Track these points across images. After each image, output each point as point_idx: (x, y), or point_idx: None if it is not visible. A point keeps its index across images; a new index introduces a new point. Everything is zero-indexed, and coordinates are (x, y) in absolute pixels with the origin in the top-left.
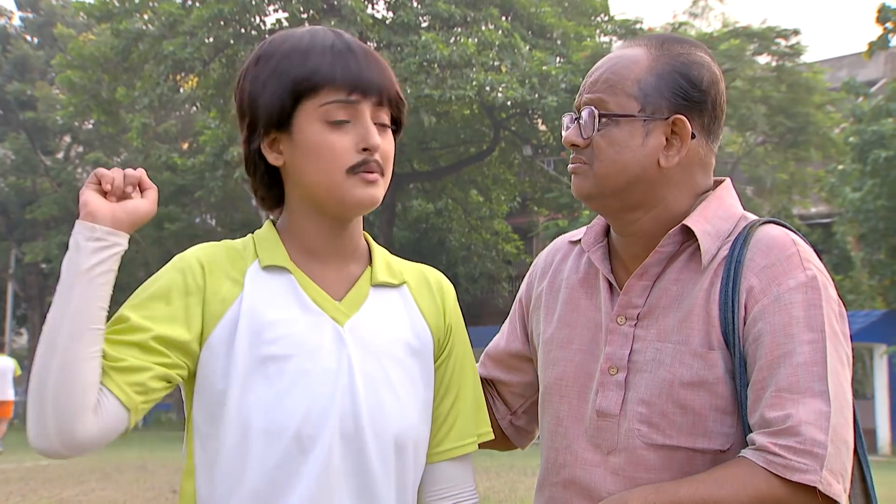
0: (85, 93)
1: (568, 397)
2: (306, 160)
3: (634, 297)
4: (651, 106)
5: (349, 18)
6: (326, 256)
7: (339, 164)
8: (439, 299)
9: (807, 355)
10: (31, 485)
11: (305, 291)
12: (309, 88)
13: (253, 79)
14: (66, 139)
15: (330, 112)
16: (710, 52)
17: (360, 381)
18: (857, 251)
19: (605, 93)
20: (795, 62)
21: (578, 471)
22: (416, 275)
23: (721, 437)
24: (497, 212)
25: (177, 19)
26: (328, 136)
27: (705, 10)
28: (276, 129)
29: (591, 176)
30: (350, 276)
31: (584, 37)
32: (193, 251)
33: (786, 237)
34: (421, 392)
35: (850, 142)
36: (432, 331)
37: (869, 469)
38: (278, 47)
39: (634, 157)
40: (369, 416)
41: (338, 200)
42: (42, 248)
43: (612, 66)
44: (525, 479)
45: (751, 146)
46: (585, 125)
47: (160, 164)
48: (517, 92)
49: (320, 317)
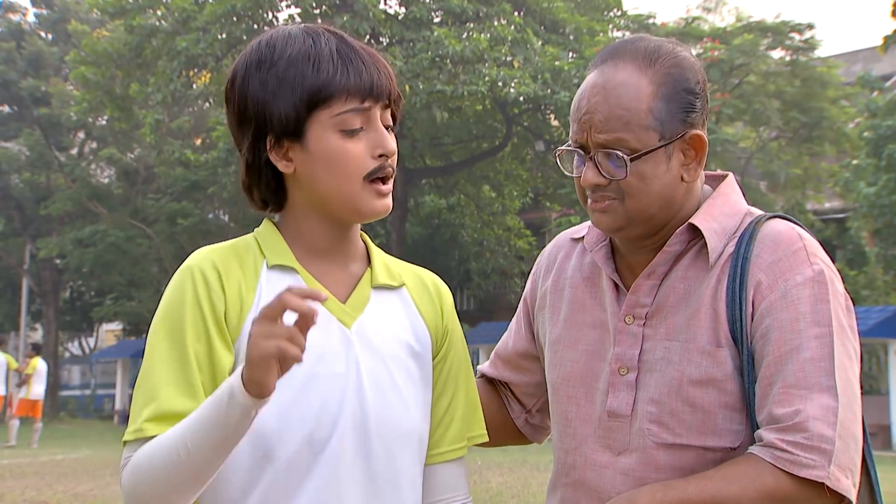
0: (99, 89)
1: (576, 398)
2: (321, 169)
3: (642, 296)
4: (669, 131)
5: (361, 14)
6: (331, 257)
7: (357, 172)
8: (437, 302)
9: (814, 350)
10: (47, 479)
11: None
12: (324, 98)
13: (259, 86)
14: (80, 135)
15: (346, 121)
16: (677, 41)
17: (367, 383)
18: (872, 246)
19: (622, 131)
20: (810, 57)
21: (588, 472)
22: (414, 277)
23: (731, 434)
24: (509, 207)
25: (190, 15)
26: (344, 145)
27: (719, 5)
28: (287, 138)
29: (622, 212)
30: (352, 277)
31: (596, 32)
32: (203, 262)
33: (792, 232)
34: (422, 393)
35: (864, 136)
36: (431, 333)
37: (873, 461)
38: (282, 52)
39: (662, 184)
40: (377, 418)
41: (353, 209)
42: (56, 243)
43: (617, 98)
44: (538, 474)
45: (765, 141)
46: (613, 169)
47: (173, 160)
48: (530, 87)
49: (328, 318)
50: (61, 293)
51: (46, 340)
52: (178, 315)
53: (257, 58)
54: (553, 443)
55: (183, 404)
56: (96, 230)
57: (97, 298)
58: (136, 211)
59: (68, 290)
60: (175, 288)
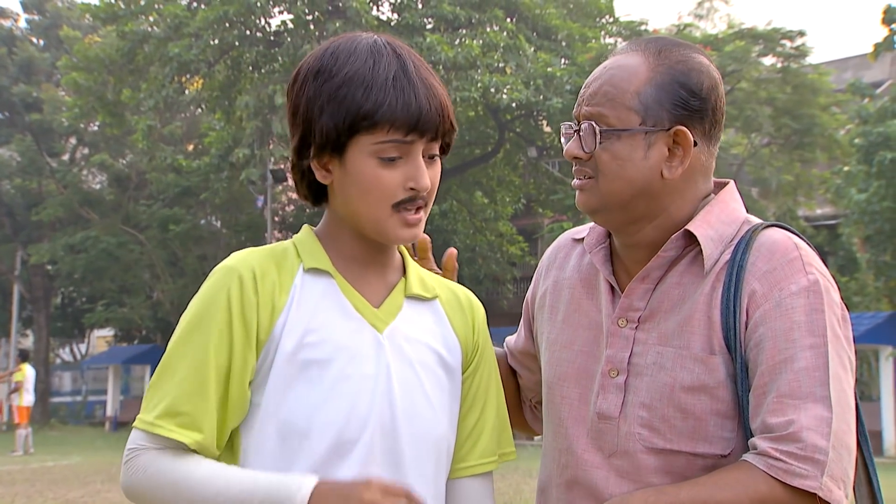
0: (90, 95)
1: (569, 398)
2: (354, 190)
3: (636, 300)
4: (652, 118)
5: (354, 20)
6: (366, 265)
7: (386, 200)
8: (469, 316)
9: (808, 360)
10: (37, 486)
11: (346, 296)
12: (367, 126)
13: (311, 97)
14: (71, 141)
15: (385, 150)
16: (707, 54)
17: (397, 386)
18: (863, 253)
19: (604, 106)
20: (801, 63)
21: (581, 472)
22: (448, 291)
23: (721, 441)
24: (502, 213)
25: (182, 21)
26: (379, 172)
27: (710, 12)
28: (328, 151)
29: (596, 191)
30: (387, 285)
31: (588, 38)
32: (241, 263)
33: (788, 241)
34: (450, 403)
35: (855, 143)
36: (462, 346)
37: (875, 470)
38: (341, 67)
39: (638, 171)
40: (406, 422)
41: (380, 233)
42: (48, 249)
43: (611, 77)
44: (530, 480)
45: (756, 148)
46: (587, 139)
47: (165, 166)
48: (522, 93)
49: (360, 322)
50: (52, 299)
51: (37, 347)
52: (208, 313)
53: (318, 66)
54: (545, 442)
55: (196, 406)
56: (88, 236)
57: (88, 304)
58: (128, 217)
59: (59, 297)
60: (210, 286)
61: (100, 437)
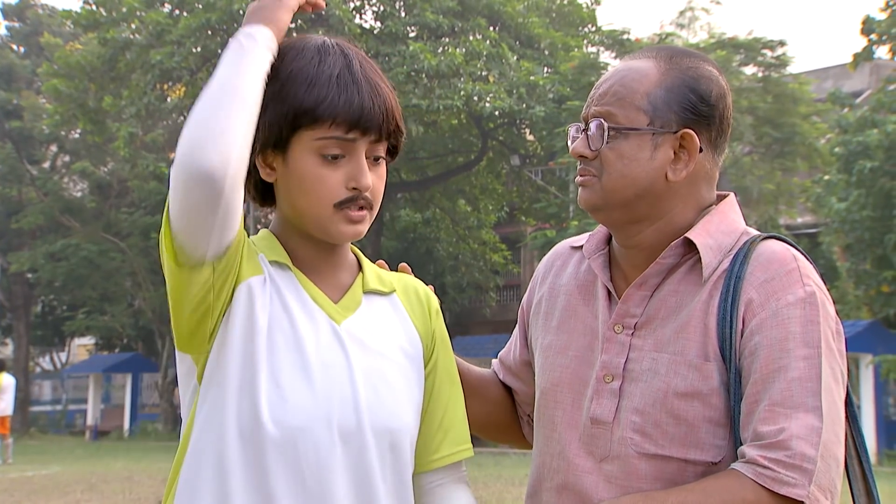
0: (71, 102)
1: (563, 403)
2: (296, 188)
3: (633, 306)
4: (660, 119)
5: (337, 28)
6: (319, 266)
7: (328, 198)
8: (426, 306)
9: (802, 370)
10: (16, 496)
11: (305, 289)
12: (308, 121)
13: (262, 92)
14: (52, 148)
15: (326, 147)
16: (717, 65)
17: (359, 377)
18: (843, 261)
19: (613, 105)
20: (781, 73)
21: (571, 477)
22: (403, 284)
23: (713, 448)
24: (485, 221)
25: (164, 28)
26: (320, 170)
27: (692, 21)
28: (271, 148)
29: (598, 188)
30: (342, 284)
31: (571, 47)
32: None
33: (787, 252)
34: (416, 394)
35: (835, 152)
36: (422, 337)
37: (874, 483)
38: (287, 65)
39: (643, 171)
40: (368, 412)
41: (323, 232)
42: (28, 257)
43: (622, 78)
44: (513, 488)
45: (737, 156)
46: (594, 137)
47: (147, 174)
48: (505, 102)
49: (319, 314)
50: (33, 307)
51: (17, 355)
52: None
53: (271, 65)
54: (535, 448)
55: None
56: (68, 244)
57: (69, 313)
58: (110, 225)
59: (40, 305)
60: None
61: (80, 446)
